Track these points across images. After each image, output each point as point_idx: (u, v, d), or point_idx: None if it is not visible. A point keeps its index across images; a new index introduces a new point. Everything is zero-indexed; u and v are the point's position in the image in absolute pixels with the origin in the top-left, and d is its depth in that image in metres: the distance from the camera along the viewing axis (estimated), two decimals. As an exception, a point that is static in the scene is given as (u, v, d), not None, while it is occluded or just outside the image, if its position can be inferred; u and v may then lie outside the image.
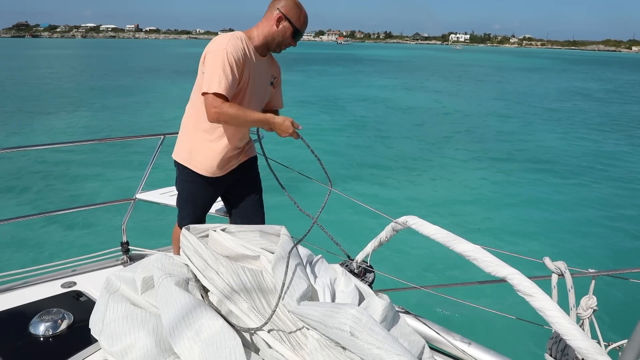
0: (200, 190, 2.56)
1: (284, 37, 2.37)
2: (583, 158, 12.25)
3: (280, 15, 2.33)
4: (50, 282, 2.49)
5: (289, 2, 2.35)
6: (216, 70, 2.19)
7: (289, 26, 2.35)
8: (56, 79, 31.13)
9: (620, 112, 21.23)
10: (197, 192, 2.57)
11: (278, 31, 2.35)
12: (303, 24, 2.39)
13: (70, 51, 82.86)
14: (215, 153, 2.46)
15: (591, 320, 1.33)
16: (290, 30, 2.36)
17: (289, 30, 2.36)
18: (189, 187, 2.56)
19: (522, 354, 3.46)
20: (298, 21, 2.36)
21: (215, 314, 1.47)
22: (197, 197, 2.58)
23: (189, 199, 2.59)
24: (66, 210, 3.23)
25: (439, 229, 1.48)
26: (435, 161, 11.60)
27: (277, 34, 2.35)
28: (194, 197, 2.58)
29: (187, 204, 2.60)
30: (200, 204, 2.62)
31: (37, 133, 14.12)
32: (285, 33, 2.36)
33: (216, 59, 2.21)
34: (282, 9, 2.33)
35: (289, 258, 1.63)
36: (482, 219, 7.81)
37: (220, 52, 2.22)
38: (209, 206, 2.70)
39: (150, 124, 15.27)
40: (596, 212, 8.35)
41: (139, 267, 1.76)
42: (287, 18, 2.33)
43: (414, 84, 32.00)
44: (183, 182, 2.57)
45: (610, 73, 52.94)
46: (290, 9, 2.34)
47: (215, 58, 2.21)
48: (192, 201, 2.59)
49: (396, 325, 1.59)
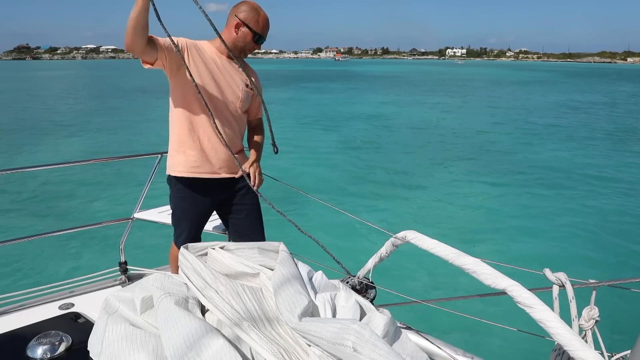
0: (192, 205, 2.57)
1: (244, 42, 2.41)
2: (581, 170, 12.30)
3: (238, 21, 2.38)
4: (47, 304, 2.47)
5: (246, 7, 2.39)
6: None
7: (248, 32, 2.39)
8: (54, 100, 31.25)
9: (619, 123, 21.38)
10: (189, 208, 2.57)
11: (238, 37, 2.40)
12: (263, 27, 2.41)
13: (70, 72, 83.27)
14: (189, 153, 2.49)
15: (594, 331, 1.32)
16: (250, 36, 2.40)
17: (248, 36, 2.40)
18: (181, 204, 2.57)
19: (525, 367, 3.43)
20: (257, 25, 2.39)
21: (216, 333, 1.45)
22: (189, 213, 2.59)
23: (181, 216, 2.60)
24: (63, 231, 3.21)
25: (438, 243, 1.48)
26: (434, 176, 11.63)
27: (238, 40, 2.41)
28: (187, 213, 2.58)
29: (181, 221, 2.61)
30: (193, 219, 2.61)
31: (33, 155, 14.12)
32: (246, 38, 2.41)
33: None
34: (239, 15, 2.38)
35: (289, 274, 1.62)
36: (481, 232, 7.81)
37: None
38: (203, 222, 2.69)
39: (147, 143, 15.31)
40: (595, 223, 8.36)
41: (137, 287, 1.74)
42: (245, 24, 2.38)
43: (412, 100, 32.19)
44: (175, 199, 2.59)
45: (606, 85, 53.39)
46: (247, 14, 2.38)
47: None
48: (185, 218, 2.59)
49: (398, 340, 1.58)
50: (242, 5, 2.40)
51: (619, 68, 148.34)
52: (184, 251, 1.78)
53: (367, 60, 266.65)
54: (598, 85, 49.67)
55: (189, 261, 1.73)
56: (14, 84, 49.34)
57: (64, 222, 7.95)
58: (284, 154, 14.31)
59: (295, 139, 16.61)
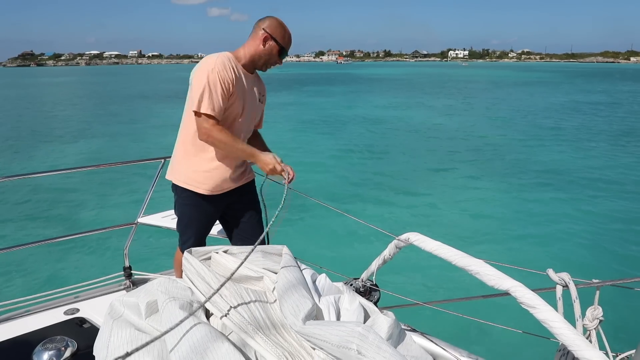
0: (201, 214, 2.57)
1: (270, 55, 2.46)
2: (583, 171, 12.27)
3: (267, 35, 2.42)
4: (53, 310, 2.48)
5: (274, 22, 2.45)
6: (206, 89, 2.26)
7: (275, 45, 2.44)
8: (57, 106, 31.38)
9: (622, 124, 21.30)
10: (197, 216, 2.58)
11: (265, 50, 2.44)
12: (288, 42, 2.50)
13: (73, 78, 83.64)
14: (214, 171, 2.49)
15: (598, 331, 1.32)
16: (277, 49, 2.46)
17: (275, 49, 2.45)
18: (189, 211, 2.57)
19: (530, 368, 3.42)
20: (283, 40, 2.46)
21: (221, 337, 1.46)
22: (197, 221, 2.59)
23: (189, 224, 2.60)
24: (68, 236, 3.23)
25: (441, 244, 1.49)
26: (436, 178, 11.62)
27: (264, 53, 2.45)
28: (195, 220, 2.59)
29: (188, 228, 2.61)
30: (200, 227, 2.62)
31: (37, 161, 14.18)
32: (272, 52, 2.45)
33: (205, 77, 2.27)
34: (267, 29, 2.43)
35: (293, 278, 1.62)
36: (484, 234, 7.79)
37: (209, 71, 2.28)
38: (209, 228, 2.71)
39: (150, 148, 15.36)
40: (598, 223, 8.33)
41: (142, 292, 1.75)
42: (272, 37, 2.43)
43: (415, 102, 32.17)
44: (183, 206, 2.58)
45: (609, 85, 53.22)
46: (275, 29, 2.44)
47: (204, 77, 2.28)
48: (192, 225, 2.60)
49: (402, 342, 1.58)
50: (269, 20, 2.47)
51: (623, 68, 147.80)
52: (188, 256, 1.79)
53: (370, 63, 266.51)
54: (600, 86, 49.50)
55: (192, 265, 1.73)
56: (19, 91, 49.60)
57: (68, 228, 7.98)
58: (287, 157, 14.28)
59: (298, 142, 16.63)
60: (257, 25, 2.47)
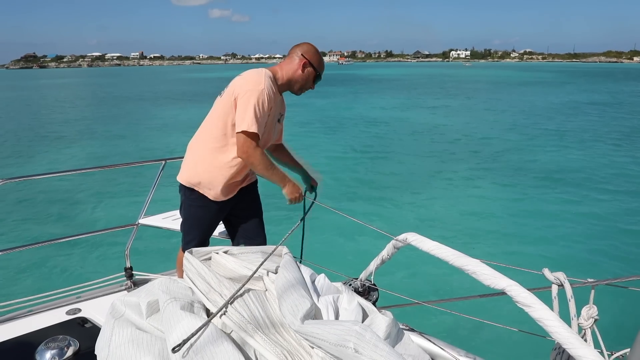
0: (208, 215, 2.60)
1: (307, 81, 2.53)
2: (579, 171, 12.30)
3: (305, 61, 2.49)
4: (55, 310, 2.50)
5: (311, 49, 2.52)
6: (256, 109, 2.29)
7: (313, 71, 2.52)
8: (59, 108, 31.44)
9: (622, 124, 21.29)
10: (204, 217, 2.61)
11: (303, 75, 2.51)
12: (323, 68, 2.58)
13: (75, 80, 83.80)
14: (230, 179, 2.52)
15: (593, 330, 1.33)
16: (314, 75, 2.54)
17: (312, 75, 2.53)
18: (196, 212, 2.59)
19: (528, 367, 3.44)
20: (320, 66, 2.54)
21: (221, 336, 1.47)
22: (204, 222, 2.62)
23: (195, 224, 2.62)
24: (69, 237, 3.25)
25: (438, 244, 1.50)
26: (434, 179, 11.65)
27: (302, 78, 2.52)
28: (201, 222, 2.62)
29: (193, 229, 2.63)
30: (206, 228, 2.66)
31: (39, 162, 14.22)
32: (309, 78, 2.53)
33: (255, 97, 2.29)
34: (306, 55, 2.50)
35: (292, 278, 1.64)
36: (481, 234, 7.83)
37: (258, 91, 2.31)
38: (213, 230, 2.74)
39: (151, 149, 15.38)
40: (592, 223, 8.38)
41: (143, 292, 1.77)
42: (311, 64, 2.50)
43: (416, 103, 32.16)
44: (190, 207, 2.60)
45: (612, 84, 53.11)
46: (312, 55, 2.52)
47: (254, 96, 2.29)
48: (198, 226, 2.63)
49: (400, 341, 1.59)
50: (307, 46, 2.53)
51: (626, 67, 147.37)
52: (189, 256, 1.81)
53: (371, 63, 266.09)
54: (603, 86, 49.40)
55: (193, 265, 1.75)
56: (21, 93, 49.72)
57: (70, 229, 8.01)
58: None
59: (299, 143, 16.65)
60: (294, 51, 2.53)
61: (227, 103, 2.38)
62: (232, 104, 2.36)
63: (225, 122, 2.40)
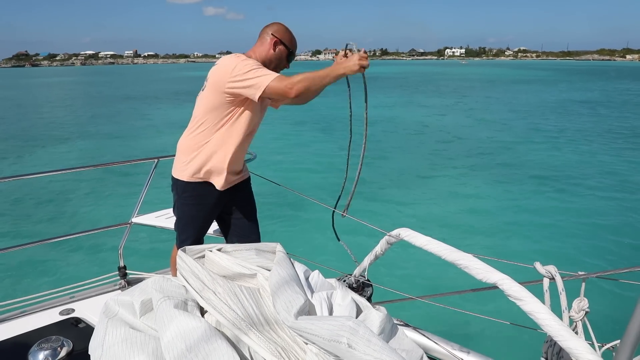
0: (201, 212, 2.60)
1: (280, 59, 2.53)
2: (571, 167, 12.41)
3: (276, 39, 2.50)
4: (48, 310, 2.49)
5: (281, 27, 2.54)
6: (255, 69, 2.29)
7: (284, 49, 2.53)
8: (50, 107, 31.21)
9: (613, 121, 21.43)
10: (198, 215, 2.61)
11: (275, 54, 2.51)
12: (295, 46, 2.59)
13: (68, 78, 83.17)
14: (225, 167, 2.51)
15: (584, 322, 1.35)
16: (286, 53, 2.54)
17: (284, 53, 2.54)
18: (190, 210, 2.59)
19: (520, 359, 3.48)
20: (291, 43, 2.56)
21: (215, 334, 1.47)
22: (198, 220, 2.62)
23: (189, 222, 2.62)
24: (62, 237, 3.23)
25: (431, 239, 1.51)
26: (428, 175, 11.72)
27: (275, 57, 2.52)
28: (195, 220, 2.62)
29: (188, 228, 2.63)
30: (200, 226, 2.66)
31: (30, 162, 14.12)
32: (282, 55, 2.53)
33: (243, 64, 2.30)
34: (276, 34, 2.51)
35: (286, 274, 1.64)
36: (474, 229, 7.90)
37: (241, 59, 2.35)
38: (207, 228, 2.73)
39: (144, 148, 15.31)
40: (583, 217, 8.50)
41: (137, 291, 1.76)
42: (282, 42, 2.51)
43: (412, 101, 32.16)
44: (183, 206, 2.60)
45: (604, 82, 53.43)
46: (283, 33, 2.53)
47: (243, 64, 2.30)
48: (192, 224, 2.62)
49: (395, 336, 1.60)
50: (276, 25, 2.55)
51: (618, 65, 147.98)
52: (182, 254, 1.80)
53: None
54: (595, 84, 49.65)
55: (186, 264, 1.75)
56: (12, 92, 49.29)
57: (62, 229, 7.97)
58: (281, 156, 14.37)
59: (292, 142, 16.63)
60: (265, 31, 2.54)
61: (212, 93, 2.38)
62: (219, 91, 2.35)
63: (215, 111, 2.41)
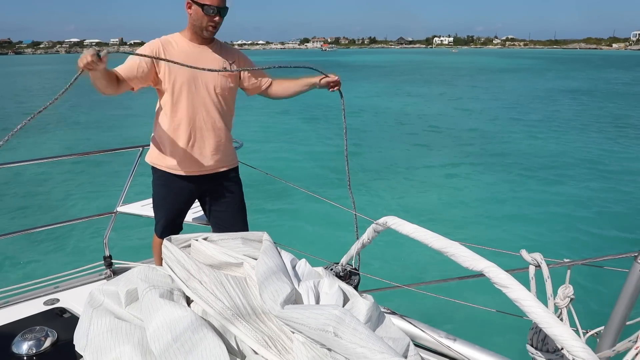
0: (171, 193, 2.58)
1: (198, 18, 2.38)
2: (557, 156, 12.57)
3: (187, 1, 2.39)
4: (32, 300, 2.46)
5: None
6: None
7: (197, 7, 2.36)
8: (32, 95, 30.66)
9: (597, 109, 21.67)
10: (166, 195, 2.59)
11: (192, 16, 2.41)
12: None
13: (52, 67, 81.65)
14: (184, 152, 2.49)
15: (569, 309, 1.36)
16: (201, 11, 2.35)
17: (199, 11, 2.36)
18: (160, 191, 2.60)
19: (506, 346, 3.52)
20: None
21: (201, 323, 1.46)
22: (167, 201, 2.60)
23: (160, 204, 2.62)
24: (46, 226, 3.19)
25: (418, 227, 1.51)
26: (415, 164, 11.78)
27: (194, 19, 2.41)
28: (166, 201, 2.60)
29: (159, 209, 2.64)
30: (171, 207, 2.62)
31: (13, 150, 13.86)
32: (198, 14, 2.38)
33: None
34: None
35: (272, 263, 1.63)
36: (461, 217, 7.99)
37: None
38: (182, 211, 2.69)
39: (128, 136, 15.14)
40: (568, 205, 8.63)
41: (122, 280, 1.74)
42: (192, 1, 2.37)
43: (400, 90, 32.16)
44: (155, 186, 2.62)
45: (590, 70, 53.97)
46: None
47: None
48: (163, 205, 2.61)
49: (381, 325, 1.60)
50: None
51: (605, 54, 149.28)
52: (167, 243, 1.78)
53: (355, 50, 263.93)
54: (582, 73, 50.14)
55: (172, 253, 1.73)
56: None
57: (46, 218, 7.86)
58: (267, 143, 14.31)
59: (279, 130, 16.56)
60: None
61: None
62: None
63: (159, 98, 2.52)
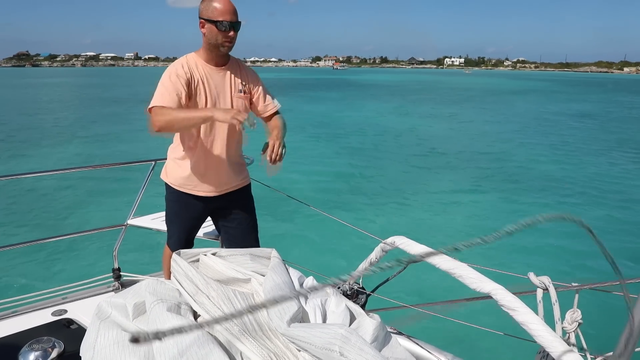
0: (184, 210, 2.60)
1: (214, 37, 2.35)
2: (566, 178, 12.51)
3: (201, 21, 2.36)
4: (40, 311, 2.47)
5: (202, 5, 2.36)
6: (159, 87, 2.31)
7: (210, 25, 2.33)
8: (49, 107, 31.17)
9: (609, 133, 21.54)
10: (179, 212, 2.61)
11: (207, 35, 2.37)
12: (221, 13, 2.31)
13: (68, 79, 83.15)
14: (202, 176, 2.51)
15: (577, 334, 1.35)
16: (214, 28, 2.32)
17: (213, 29, 2.32)
18: (173, 207, 2.62)
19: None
20: (214, 14, 2.31)
21: (207, 339, 1.47)
22: (180, 217, 2.62)
23: (173, 219, 2.64)
24: (57, 237, 3.22)
25: (426, 248, 1.51)
26: (424, 183, 11.77)
27: (209, 38, 2.37)
28: (178, 217, 2.62)
29: (172, 225, 2.65)
30: (185, 224, 2.64)
31: (27, 162, 14.07)
32: (212, 32, 2.34)
33: (162, 78, 2.34)
34: (199, 14, 2.37)
35: (280, 280, 1.64)
36: (468, 238, 7.88)
37: (165, 73, 2.37)
38: (195, 227, 2.71)
39: (141, 150, 15.29)
40: (578, 229, 8.46)
41: (130, 293, 1.75)
42: (204, 19, 2.34)
43: (411, 110, 32.23)
44: (167, 202, 2.64)
45: (602, 94, 53.78)
46: (204, 9, 2.34)
47: (162, 78, 2.35)
48: (176, 221, 2.63)
49: (387, 345, 1.60)
50: (200, 5, 2.38)
51: (616, 78, 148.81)
52: (176, 257, 1.80)
53: (366, 69, 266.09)
54: (593, 96, 49.96)
55: (180, 267, 1.74)
56: (11, 91, 49.22)
57: (57, 229, 7.92)
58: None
59: (290, 147, 16.59)
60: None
61: None
62: None
63: None
